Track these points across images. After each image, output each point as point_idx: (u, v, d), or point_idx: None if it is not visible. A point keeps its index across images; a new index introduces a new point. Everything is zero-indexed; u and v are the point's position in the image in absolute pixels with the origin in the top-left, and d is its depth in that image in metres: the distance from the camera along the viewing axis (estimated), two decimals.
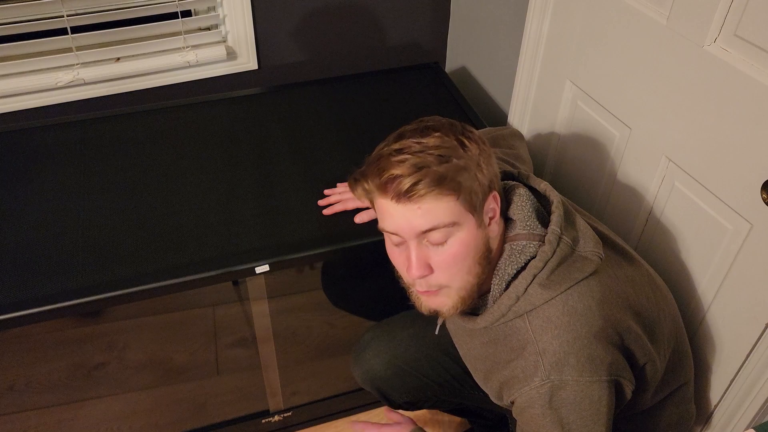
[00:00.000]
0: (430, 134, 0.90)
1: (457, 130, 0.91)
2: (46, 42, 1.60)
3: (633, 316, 0.99)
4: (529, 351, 0.94)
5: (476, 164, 0.89)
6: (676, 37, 1.10)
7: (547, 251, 0.93)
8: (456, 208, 0.88)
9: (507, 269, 0.95)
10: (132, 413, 1.47)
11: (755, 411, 1.11)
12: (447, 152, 0.88)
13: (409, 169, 0.86)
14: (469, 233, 0.90)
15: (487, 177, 0.91)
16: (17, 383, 1.32)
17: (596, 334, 0.93)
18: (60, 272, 1.19)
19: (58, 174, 1.41)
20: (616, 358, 0.95)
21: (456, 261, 0.91)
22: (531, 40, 1.50)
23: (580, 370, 0.91)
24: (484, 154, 0.92)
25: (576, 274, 0.94)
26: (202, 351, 1.42)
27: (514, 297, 0.94)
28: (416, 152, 0.87)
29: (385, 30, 1.91)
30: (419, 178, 0.86)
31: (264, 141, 1.52)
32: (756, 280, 1.05)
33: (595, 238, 0.99)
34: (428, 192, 0.86)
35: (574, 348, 0.91)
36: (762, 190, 0.98)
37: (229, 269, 1.21)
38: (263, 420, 1.59)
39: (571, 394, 0.91)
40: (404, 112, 1.63)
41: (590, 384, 0.91)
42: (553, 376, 0.91)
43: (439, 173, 0.86)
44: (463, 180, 0.87)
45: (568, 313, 0.93)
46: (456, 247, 0.90)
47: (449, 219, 0.88)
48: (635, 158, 1.27)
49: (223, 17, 1.72)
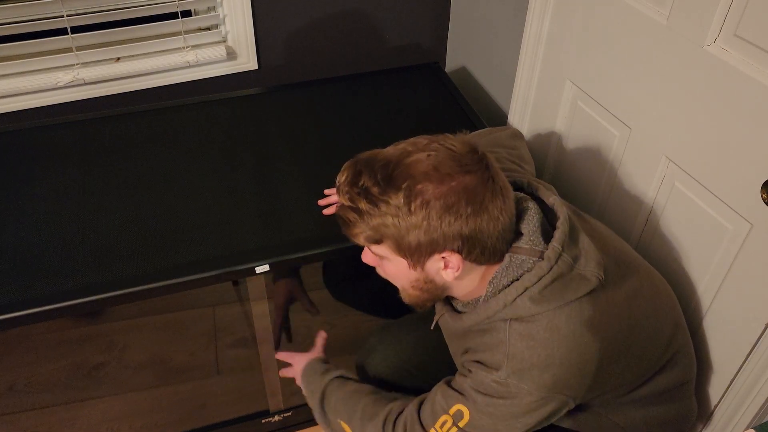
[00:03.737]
0: (386, 188, 0.91)
1: (412, 192, 0.89)
2: (46, 42, 1.60)
3: (620, 342, 0.99)
4: (500, 350, 0.96)
5: (414, 226, 0.90)
6: (676, 37, 1.10)
7: (543, 267, 0.93)
8: (382, 248, 0.95)
9: (502, 279, 0.96)
10: (132, 413, 1.47)
11: (755, 411, 1.11)
12: (377, 211, 0.91)
13: (344, 211, 0.95)
14: (397, 268, 0.97)
15: (428, 240, 0.91)
16: (17, 383, 1.32)
17: (570, 360, 0.94)
18: (60, 272, 1.19)
19: (58, 174, 1.41)
20: (578, 383, 0.96)
21: (388, 276, 1.02)
22: (531, 40, 1.50)
23: (538, 386, 0.94)
24: (433, 220, 0.89)
25: (569, 294, 0.94)
26: (202, 351, 1.42)
27: (501, 303, 0.95)
28: (353, 200, 0.93)
29: (385, 30, 1.91)
30: (350, 223, 0.95)
31: (264, 141, 1.52)
32: (756, 280, 1.05)
33: (597, 258, 0.97)
34: (356, 238, 0.96)
35: (542, 365, 0.93)
36: (762, 190, 0.98)
37: (229, 269, 1.21)
38: (263, 420, 1.59)
39: (519, 403, 0.95)
40: (404, 112, 1.64)
41: (540, 400, 0.95)
42: (511, 380, 0.94)
43: (362, 230, 0.94)
44: (388, 233, 0.92)
45: (551, 330, 0.93)
46: (387, 269, 1.00)
47: (379, 253, 0.97)
48: (635, 158, 1.27)
49: (223, 17, 1.72)
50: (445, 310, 1.08)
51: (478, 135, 1.36)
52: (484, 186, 0.90)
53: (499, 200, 0.91)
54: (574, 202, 1.47)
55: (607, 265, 0.99)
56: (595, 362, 0.96)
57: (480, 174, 0.91)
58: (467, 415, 0.99)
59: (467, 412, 0.99)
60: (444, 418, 1.01)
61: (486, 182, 0.91)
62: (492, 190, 0.91)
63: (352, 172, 0.94)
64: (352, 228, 0.95)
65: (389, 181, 0.90)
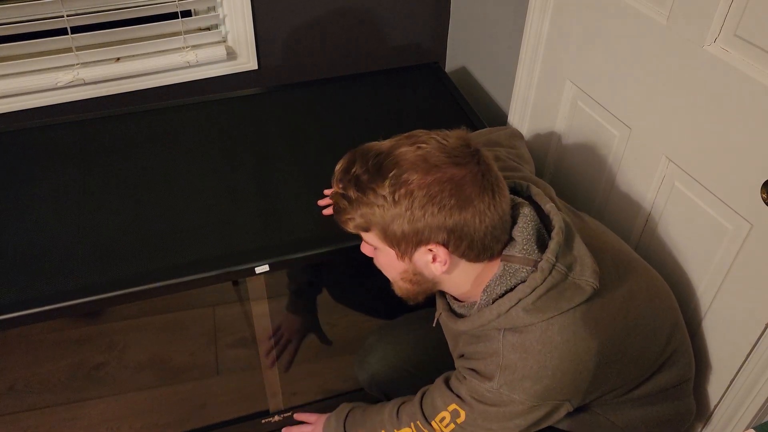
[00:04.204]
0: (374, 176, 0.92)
1: (398, 182, 0.90)
2: (46, 42, 1.60)
3: (617, 345, 0.99)
4: (493, 361, 0.97)
5: (398, 215, 0.91)
6: (676, 37, 1.10)
7: (537, 278, 0.93)
8: (370, 236, 0.97)
9: (496, 288, 0.96)
10: (132, 413, 1.47)
11: (755, 411, 1.11)
12: (364, 199, 0.93)
13: (336, 198, 0.98)
14: (387, 259, 0.99)
15: (412, 230, 0.91)
16: (17, 383, 1.32)
17: (563, 369, 0.94)
18: (60, 272, 1.19)
19: (58, 174, 1.41)
20: (573, 389, 0.97)
21: (381, 267, 1.04)
22: (531, 40, 1.50)
23: (529, 395, 0.95)
24: (416, 210, 0.90)
25: (563, 303, 0.94)
26: (202, 351, 1.42)
27: (495, 314, 0.95)
28: (345, 188, 0.95)
29: (385, 30, 1.91)
30: (340, 210, 0.97)
31: (264, 141, 1.52)
32: (756, 280, 1.05)
33: (593, 267, 0.97)
34: (345, 224, 0.98)
35: (534, 375, 0.94)
36: (762, 190, 0.98)
37: (229, 269, 1.21)
38: (263, 420, 1.59)
39: (511, 410, 0.97)
40: (404, 112, 1.63)
41: (531, 407, 0.97)
42: (504, 390, 0.96)
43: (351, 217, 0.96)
44: (374, 220, 0.94)
45: (543, 342, 0.94)
46: (379, 259, 1.02)
47: (370, 241, 0.99)
48: (635, 158, 1.27)
49: (223, 17, 1.72)
50: (444, 308, 1.09)
51: (477, 135, 1.36)
52: (472, 179, 0.90)
53: (487, 196, 0.91)
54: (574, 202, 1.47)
55: (604, 267, 0.99)
56: (590, 369, 0.96)
57: (470, 168, 0.91)
58: (463, 415, 1.02)
59: (463, 413, 1.02)
60: (443, 414, 1.04)
61: (475, 176, 0.90)
62: (481, 185, 0.90)
63: (348, 160, 0.97)
64: (342, 214, 0.97)
65: (378, 170, 0.92)
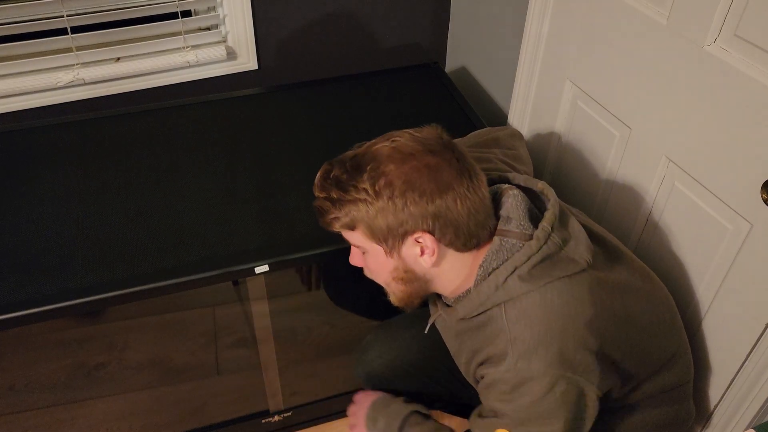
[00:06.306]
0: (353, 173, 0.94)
1: (377, 174, 0.92)
2: (46, 42, 1.60)
3: (617, 324, 0.99)
4: (501, 339, 0.96)
5: (381, 209, 0.93)
6: (676, 37, 1.10)
7: (533, 246, 0.94)
8: (356, 236, 0.98)
9: (491, 263, 0.97)
10: (132, 413, 1.47)
11: (755, 411, 1.11)
12: (346, 197, 0.94)
13: (320, 202, 0.99)
14: (376, 261, 1.00)
15: (397, 221, 0.93)
16: (17, 383, 1.32)
17: (570, 330, 0.94)
18: (60, 272, 1.19)
19: (57, 174, 1.41)
20: (585, 359, 0.95)
21: (372, 273, 1.05)
22: (531, 40, 1.50)
23: (548, 362, 0.93)
24: (397, 199, 0.92)
25: (558, 272, 0.95)
26: (202, 351, 1.42)
27: (493, 286, 0.96)
28: (327, 191, 0.97)
29: (385, 30, 1.91)
30: (324, 211, 0.98)
31: (264, 141, 1.52)
32: (756, 280, 1.05)
33: (587, 243, 0.99)
34: (331, 225, 0.99)
35: (544, 340, 0.93)
36: (762, 190, 0.98)
37: (229, 269, 1.21)
38: (263, 420, 1.59)
39: (536, 386, 0.93)
40: (404, 112, 1.63)
41: (555, 379, 0.93)
42: (521, 364, 0.93)
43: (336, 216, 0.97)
44: (358, 216, 0.95)
45: (544, 305, 0.94)
46: (369, 263, 1.02)
47: (356, 242, 1.00)
48: (635, 158, 1.27)
49: (223, 17, 1.72)
50: (440, 306, 1.09)
51: (477, 135, 1.36)
52: (448, 165, 0.93)
53: (465, 179, 0.93)
54: (574, 202, 1.47)
55: (597, 254, 1.01)
56: (595, 335, 0.95)
57: (444, 155, 0.93)
58: None
59: (504, 429, 0.99)
60: None
61: (450, 162, 0.93)
62: (458, 169, 0.93)
63: (325, 169, 0.99)
64: (326, 216, 0.98)
65: (356, 167, 0.94)
